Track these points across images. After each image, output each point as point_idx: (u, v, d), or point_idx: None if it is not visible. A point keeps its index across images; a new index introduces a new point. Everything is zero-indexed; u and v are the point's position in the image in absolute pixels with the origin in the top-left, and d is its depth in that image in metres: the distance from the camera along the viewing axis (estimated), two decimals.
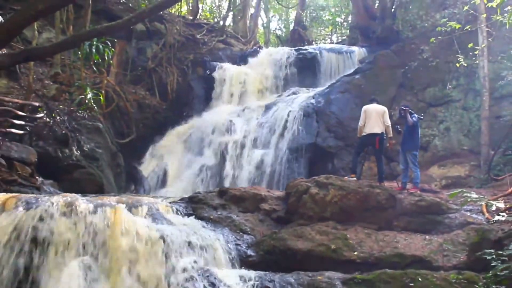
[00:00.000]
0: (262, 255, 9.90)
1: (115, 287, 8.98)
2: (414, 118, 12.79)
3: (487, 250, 8.99)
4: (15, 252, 9.11)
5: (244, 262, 9.75)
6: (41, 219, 9.33)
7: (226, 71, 23.18)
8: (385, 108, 12.97)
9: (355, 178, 12.35)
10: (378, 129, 12.53)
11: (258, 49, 27.92)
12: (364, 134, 12.71)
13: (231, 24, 33.21)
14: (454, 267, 9.38)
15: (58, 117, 16.51)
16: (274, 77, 23.23)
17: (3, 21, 16.38)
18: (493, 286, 8.31)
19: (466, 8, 14.68)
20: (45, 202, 9.68)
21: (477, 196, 12.21)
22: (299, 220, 10.89)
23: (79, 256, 9.13)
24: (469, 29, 15.32)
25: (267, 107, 20.27)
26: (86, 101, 17.81)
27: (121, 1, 24.35)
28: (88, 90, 18.05)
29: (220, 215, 10.91)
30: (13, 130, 13.91)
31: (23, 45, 17.65)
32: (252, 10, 35.65)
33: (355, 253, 9.81)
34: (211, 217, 10.75)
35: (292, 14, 38.90)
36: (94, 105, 18.03)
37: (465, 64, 16.15)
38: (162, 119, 21.19)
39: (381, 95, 15.76)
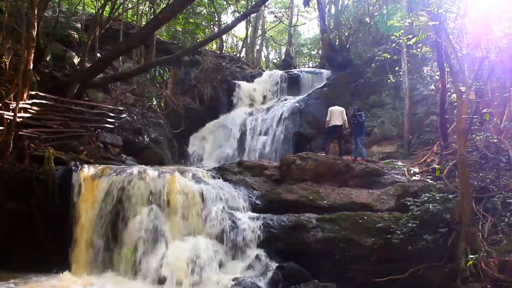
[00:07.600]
0: (265, 203, 9.95)
1: (172, 225, 9.10)
2: (362, 118, 12.80)
3: (408, 198, 9.09)
4: (110, 201, 9.22)
5: (254, 208, 9.79)
6: (125, 181, 9.42)
7: (241, 86, 22.99)
8: (343, 109, 12.89)
9: (324, 154, 12.33)
10: (339, 122, 12.46)
11: (262, 71, 27.50)
12: (330, 125, 12.63)
13: (244, 55, 32.84)
14: (387, 209, 9.43)
15: (134, 117, 16.57)
16: (272, 89, 22.97)
17: (100, 56, 16.41)
18: (411, 221, 8.53)
19: (394, 44, 14.62)
20: (127, 170, 9.79)
21: (401, 164, 12.30)
22: (289, 181, 10.86)
23: (149, 205, 9.22)
24: (395, 58, 15.37)
25: (268, 109, 20.13)
26: (153, 106, 17.84)
27: (174, 42, 24.18)
28: (154, 99, 18.06)
29: (238, 178, 10.89)
30: (107, 125, 13.99)
31: (112, 71, 17.66)
32: (257, 47, 35.52)
33: (325, 201, 9.85)
34: (233, 179, 10.74)
35: (283, 49, 38.56)
36: (158, 109, 18.05)
37: (394, 81, 16.20)
38: (200, 117, 20.97)
39: (340, 101, 15.48)
